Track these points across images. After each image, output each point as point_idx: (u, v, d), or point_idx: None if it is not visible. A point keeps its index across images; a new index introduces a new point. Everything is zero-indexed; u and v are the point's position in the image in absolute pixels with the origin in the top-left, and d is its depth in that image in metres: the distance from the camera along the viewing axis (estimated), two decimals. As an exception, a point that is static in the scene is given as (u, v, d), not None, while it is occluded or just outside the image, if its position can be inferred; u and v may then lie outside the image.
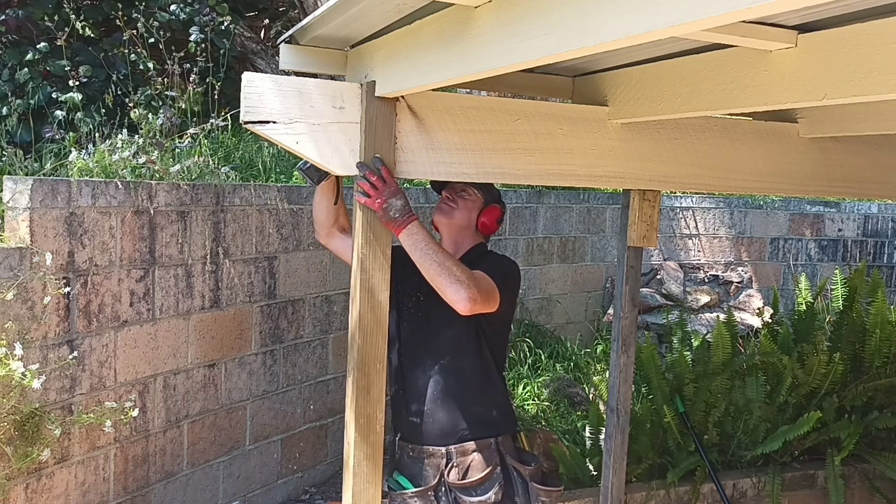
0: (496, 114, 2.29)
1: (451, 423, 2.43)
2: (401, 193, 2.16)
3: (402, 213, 2.15)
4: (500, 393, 2.55)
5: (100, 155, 3.41)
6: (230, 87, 4.94)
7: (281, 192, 4.01)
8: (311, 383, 4.31)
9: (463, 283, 2.16)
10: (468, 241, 2.58)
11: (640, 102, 2.27)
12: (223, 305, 3.71)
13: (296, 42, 2.41)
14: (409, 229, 2.16)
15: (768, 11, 1.04)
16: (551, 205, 6.23)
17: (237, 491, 3.89)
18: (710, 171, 2.65)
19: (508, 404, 2.60)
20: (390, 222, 2.15)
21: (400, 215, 2.15)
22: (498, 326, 2.52)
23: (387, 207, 2.13)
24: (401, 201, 2.15)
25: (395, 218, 2.14)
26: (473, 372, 2.49)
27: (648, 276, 6.53)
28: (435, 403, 2.45)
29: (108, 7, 5.52)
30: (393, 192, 2.13)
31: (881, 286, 4.68)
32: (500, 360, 2.59)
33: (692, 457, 3.95)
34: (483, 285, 2.25)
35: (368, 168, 2.10)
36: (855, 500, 4.20)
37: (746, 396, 4.04)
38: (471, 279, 2.19)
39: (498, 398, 2.53)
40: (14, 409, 2.64)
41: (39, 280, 2.78)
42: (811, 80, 1.69)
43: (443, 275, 2.17)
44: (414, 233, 2.16)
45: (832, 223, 7.59)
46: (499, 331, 2.55)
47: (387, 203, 2.12)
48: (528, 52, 1.46)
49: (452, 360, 2.47)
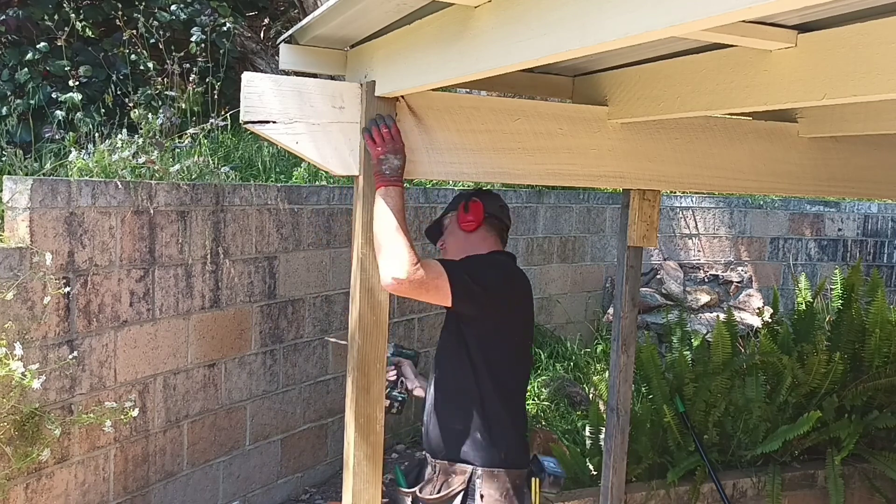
0: (496, 114, 2.29)
1: (437, 439, 2.38)
2: (401, 154, 2.16)
3: (393, 172, 2.15)
4: (492, 419, 2.31)
5: (99, 155, 3.41)
6: (230, 86, 4.94)
7: (281, 191, 4.01)
8: (310, 383, 4.30)
9: (394, 259, 2.06)
10: (466, 253, 2.44)
11: (640, 102, 2.27)
12: (223, 305, 3.71)
13: (296, 42, 2.41)
14: (388, 189, 2.13)
15: (768, 11, 1.04)
16: (551, 205, 6.23)
17: (237, 491, 3.89)
18: (710, 171, 2.65)
19: (504, 436, 2.32)
20: (379, 174, 2.14)
21: (390, 173, 2.14)
22: (487, 338, 2.30)
23: (383, 159, 2.13)
24: (398, 161, 2.15)
25: (384, 172, 2.14)
26: (458, 389, 2.34)
27: (648, 275, 6.53)
28: (429, 416, 2.44)
29: (108, 7, 5.52)
30: (395, 150, 2.14)
31: (881, 286, 4.68)
32: (500, 381, 2.33)
33: (692, 456, 3.95)
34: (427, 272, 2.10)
35: (384, 121, 2.13)
36: (855, 499, 4.20)
37: (746, 396, 4.04)
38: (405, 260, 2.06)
39: (488, 424, 2.30)
40: (14, 409, 2.64)
41: (39, 280, 2.78)
42: (811, 80, 1.69)
43: (383, 244, 2.10)
44: (390, 195, 2.13)
45: (832, 223, 7.59)
46: (489, 344, 2.31)
47: (385, 156, 2.13)
48: (528, 52, 1.46)
49: (443, 374, 2.41)
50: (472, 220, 2.44)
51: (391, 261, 2.06)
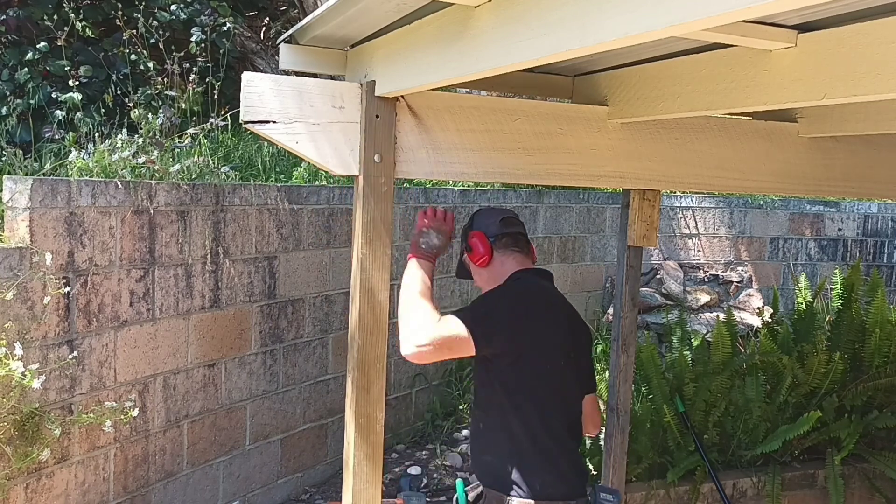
0: (496, 113, 2.29)
1: (476, 465, 2.42)
2: (445, 238, 2.34)
3: (430, 249, 2.32)
4: (516, 450, 2.24)
5: (99, 155, 3.41)
6: (230, 86, 4.94)
7: (281, 191, 4.01)
8: (310, 383, 4.30)
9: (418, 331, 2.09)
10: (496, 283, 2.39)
11: (640, 102, 2.27)
12: (223, 305, 3.71)
13: (296, 42, 2.40)
14: (419, 261, 2.29)
15: (768, 11, 1.04)
16: (551, 204, 6.23)
17: (237, 491, 3.89)
18: (710, 170, 2.65)
19: (535, 469, 2.25)
20: (416, 245, 2.32)
21: (427, 248, 2.32)
22: (510, 373, 2.22)
23: (426, 233, 2.33)
24: (438, 241, 2.33)
25: (420, 246, 2.32)
26: (489, 425, 2.31)
27: (648, 275, 6.52)
28: (471, 442, 2.52)
29: (108, 7, 5.52)
30: (441, 230, 2.33)
31: (881, 286, 4.68)
32: (530, 414, 2.23)
33: (692, 456, 3.95)
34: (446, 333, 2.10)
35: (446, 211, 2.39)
36: (855, 499, 4.20)
37: (746, 396, 4.04)
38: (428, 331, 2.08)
39: (518, 459, 2.24)
40: (14, 409, 2.64)
41: (39, 280, 2.78)
42: (811, 80, 1.69)
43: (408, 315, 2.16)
44: (418, 266, 2.27)
45: (832, 223, 7.58)
46: (513, 378, 2.22)
47: (428, 230, 2.33)
48: (528, 52, 1.46)
49: (477, 402, 2.46)
50: (483, 256, 2.38)
51: (415, 332, 2.11)
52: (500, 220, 2.43)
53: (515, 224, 2.46)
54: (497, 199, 5.60)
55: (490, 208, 2.61)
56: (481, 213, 2.49)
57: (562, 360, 2.32)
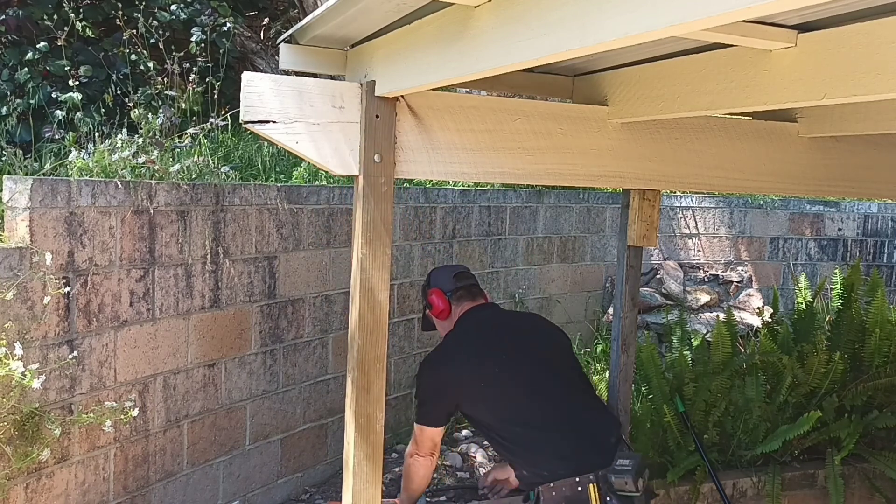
0: (496, 113, 2.29)
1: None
2: None
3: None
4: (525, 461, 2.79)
5: (99, 155, 3.41)
6: (230, 86, 4.94)
7: (281, 191, 4.01)
8: (311, 383, 4.30)
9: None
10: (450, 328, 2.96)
11: (640, 102, 2.28)
12: (223, 305, 3.71)
13: (296, 42, 2.41)
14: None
15: (768, 11, 1.04)
16: (551, 204, 6.23)
17: (237, 491, 3.89)
18: (710, 170, 2.65)
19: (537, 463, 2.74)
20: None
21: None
22: (481, 410, 2.82)
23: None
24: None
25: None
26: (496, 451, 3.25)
27: (648, 275, 6.52)
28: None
29: (108, 7, 5.52)
30: None
31: (881, 285, 4.68)
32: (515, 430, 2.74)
33: (692, 456, 3.95)
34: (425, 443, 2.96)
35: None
36: (855, 499, 4.20)
37: (746, 396, 4.04)
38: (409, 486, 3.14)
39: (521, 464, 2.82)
40: (14, 409, 2.64)
41: (39, 280, 2.78)
42: (811, 80, 1.69)
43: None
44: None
45: (832, 223, 7.58)
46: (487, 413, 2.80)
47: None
48: (528, 52, 1.46)
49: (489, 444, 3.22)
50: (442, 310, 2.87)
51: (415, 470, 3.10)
52: (453, 275, 2.92)
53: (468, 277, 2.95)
54: (497, 199, 5.61)
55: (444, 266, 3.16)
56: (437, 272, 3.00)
57: (533, 374, 2.77)
